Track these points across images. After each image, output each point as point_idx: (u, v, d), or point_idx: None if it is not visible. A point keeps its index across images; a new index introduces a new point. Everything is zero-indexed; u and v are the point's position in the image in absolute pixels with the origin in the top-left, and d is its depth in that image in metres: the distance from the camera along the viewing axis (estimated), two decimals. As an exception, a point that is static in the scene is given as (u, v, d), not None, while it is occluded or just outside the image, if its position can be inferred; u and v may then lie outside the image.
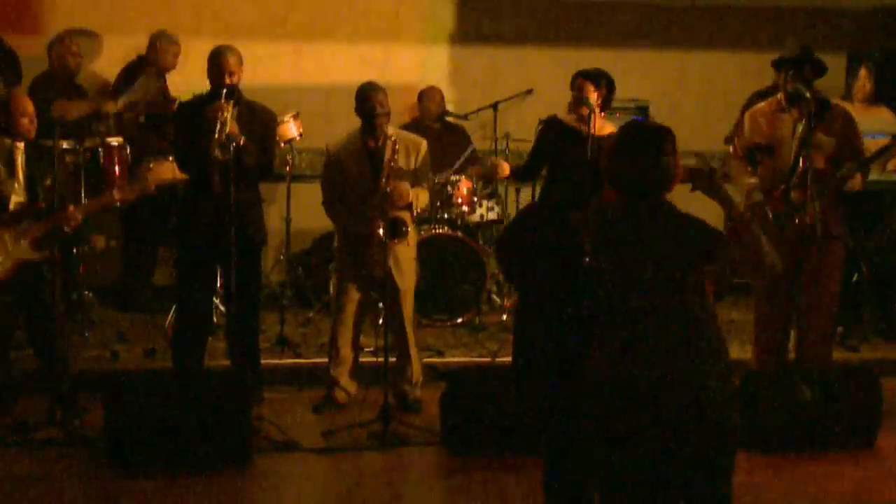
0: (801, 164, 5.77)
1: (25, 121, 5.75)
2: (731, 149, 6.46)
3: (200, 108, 5.95)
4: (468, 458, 5.45)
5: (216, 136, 5.75)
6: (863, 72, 7.73)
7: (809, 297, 5.91)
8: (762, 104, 6.19)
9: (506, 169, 6.69)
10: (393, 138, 6.06)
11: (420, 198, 6.16)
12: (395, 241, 5.91)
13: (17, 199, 5.76)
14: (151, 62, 7.85)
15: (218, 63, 5.97)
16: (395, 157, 6.01)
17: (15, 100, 5.88)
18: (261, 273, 6.44)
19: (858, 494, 5.26)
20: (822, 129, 5.85)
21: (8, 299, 5.75)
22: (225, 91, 5.85)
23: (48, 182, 5.77)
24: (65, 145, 6.87)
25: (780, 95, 6.08)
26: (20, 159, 5.77)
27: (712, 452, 3.60)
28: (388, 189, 5.97)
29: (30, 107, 5.81)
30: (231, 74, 5.94)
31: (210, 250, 6.01)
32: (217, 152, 5.75)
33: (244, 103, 6.03)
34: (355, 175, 6.09)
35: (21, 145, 5.78)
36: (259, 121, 6.06)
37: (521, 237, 5.44)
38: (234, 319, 6.13)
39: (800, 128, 5.85)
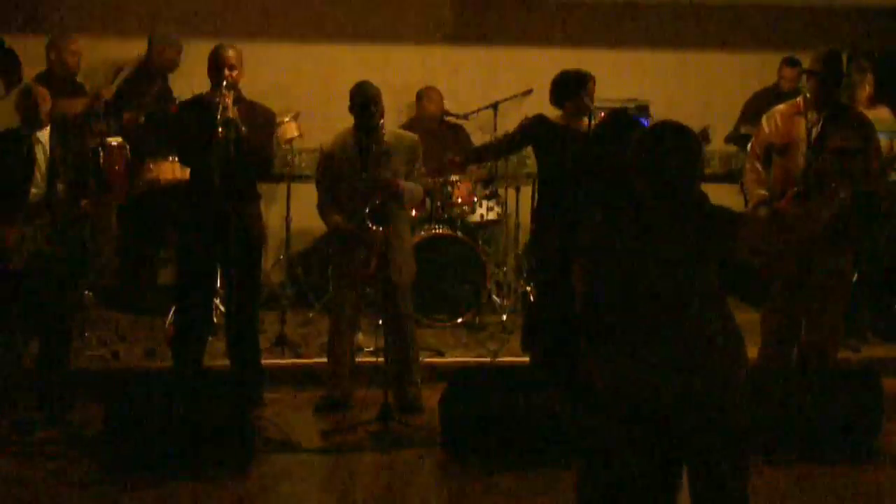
0: (813, 167, 5.77)
1: (42, 104, 5.87)
2: (748, 147, 6.43)
3: (201, 103, 5.97)
4: (468, 458, 5.44)
5: (219, 117, 5.77)
6: (869, 77, 7.72)
7: (818, 299, 5.91)
8: (781, 106, 6.14)
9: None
10: (381, 125, 6.07)
11: (409, 189, 6.14)
12: (378, 227, 5.88)
13: (36, 191, 5.83)
14: (151, 63, 7.85)
15: (217, 58, 5.98)
16: (384, 147, 6.02)
17: (35, 90, 5.93)
18: (261, 271, 6.44)
19: (859, 495, 5.26)
20: (839, 133, 5.82)
21: (22, 284, 5.79)
22: (225, 83, 5.88)
23: (70, 176, 5.85)
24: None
25: (799, 99, 6.06)
26: (41, 153, 5.83)
27: (730, 453, 3.63)
28: (374, 177, 5.96)
29: (44, 91, 5.95)
30: (231, 68, 5.94)
31: (210, 248, 6.01)
32: (220, 131, 5.77)
33: (244, 102, 6.04)
34: (348, 172, 6.10)
35: (44, 138, 5.86)
36: (259, 119, 6.07)
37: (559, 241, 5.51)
38: (233, 318, 6.14)
39: (815, 131, 5.84)
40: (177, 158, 6.80)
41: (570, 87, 6.05)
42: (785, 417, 5.54)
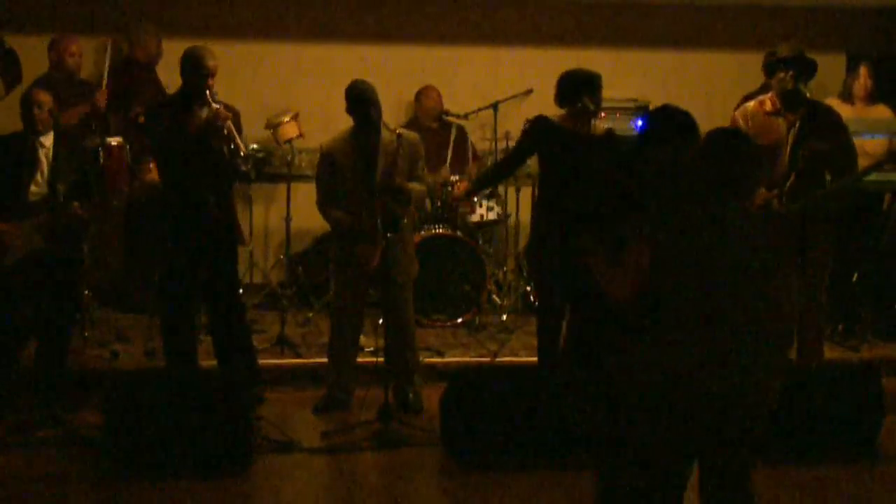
0: (795, 169, 5.79)
1: (38, 111, 5.88)
2: None
3: (181, 111, 5.89)
4: (468, 459, 5.44)
5: (231, 147, 5.78)
6: (862, 71, 7.73)
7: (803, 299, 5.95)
8: (751, 104, 6.14)
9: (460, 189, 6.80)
10: (398, 132, 6.08)
11: (416, 192, 6.16)
12: (391, 234, 5.90)
13: (37, 190, 5.85)
14: (135, 58, 7.85)
15: (203, 65, 5.86)
16: (399, 151, 6.02)
17: (35, 99, 5.96)
18: (237, 270, 6.39)
19: (859, 495, 5.26)
20: (815, 134, 5.83)
21: (19, 284, 5.79)
22: (211, 94, 5.83)
23: (72, 178, 5.87)
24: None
25: (770, 96, 6.05)
26: (43, 155, 5.86)
27: (747, 453, 3.69)
28: (386, 182, 5.97)
29: (44, 97, 5.96)
30: (213, 76, 5.89)
31: (190, 245, 5.96)
32: (244, 166, 5.80)
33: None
34: (349, 172, 6.09)
35: (47, 142, 5.88)
36: (233, 122, 6.07)
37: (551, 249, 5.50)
38: (219, 319, 6.12)
39: (793, 133, 5.84)
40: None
41: (578, 89, 6.00)
42: (785, 417, 5.53)
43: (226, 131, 5.82)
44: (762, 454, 3.83)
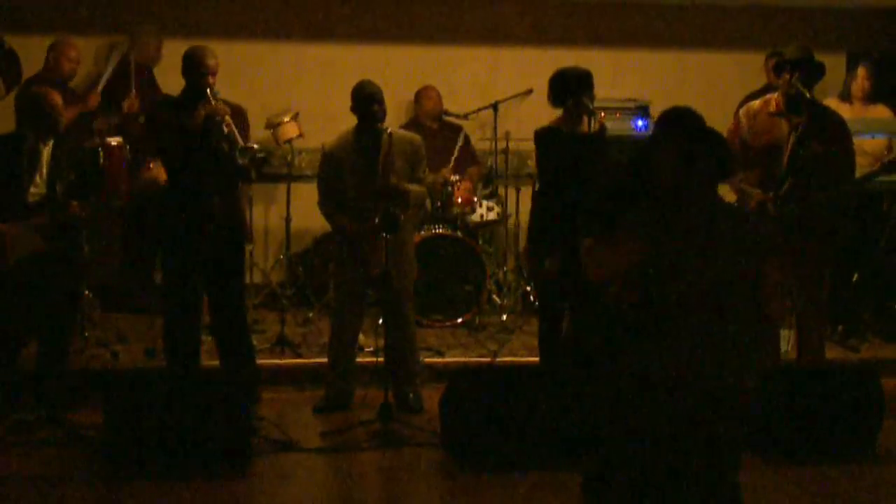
0: (792, 171, 5.78)
1: (50, 110, 5.88)
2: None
3: (183, 110, 5.89)
4: (468, 459, 5.44)
5: (229, 141, 5.78)
6: (861, 71, 7.73)
7: (804, 299, 5.94)
8: (756, 102, 6.13)
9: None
10: (388, 131, 6.07)
11: (415, 193, 6.15)
12: (390, 234, 5.90)
13: (37, 191, 5.85)
14: (135, 57, 7.86)
15: (203, 64, 5.87)
16: (391, 152, 6.01)
17: (53, 99, 5.94)
18: (244, 270, 6.40)
19: (859, 495, 5.26)
20: (817, 138, 5.81)
21: (19, 285, 5.79)
22: (212, 93, 5.83)
23: (70, 178, 5.89)
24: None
25: (776, 96, 6.04)
26: (45, 154, 5.87)
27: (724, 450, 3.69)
28: (384, 184, 5.97)
29: (58, 98, 5.95)
30: (214, 75, 5.91)
31: (193, 245, 5.96)
32: (244, 161, 5.80)
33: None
34: (351, 172, 6.09)
35: (49, 142, 5.88)
36: (237, 120, 6.06)
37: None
38: (220, 316, 6.11)
39: (794, 135, 5.83)
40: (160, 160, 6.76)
41: (572, 87, 5.98)
42: (785, 417, 5.54)
43: (225, 127, 5.82)
44: (750, 451, 3.82)
